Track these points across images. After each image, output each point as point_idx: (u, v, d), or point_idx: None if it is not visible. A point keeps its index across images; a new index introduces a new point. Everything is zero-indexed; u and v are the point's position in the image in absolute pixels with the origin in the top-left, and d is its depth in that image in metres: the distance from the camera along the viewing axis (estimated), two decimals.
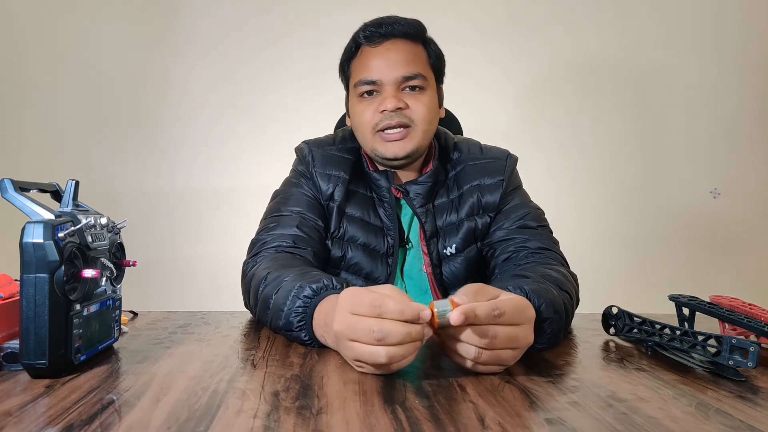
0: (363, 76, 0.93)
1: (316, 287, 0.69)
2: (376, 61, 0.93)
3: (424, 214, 0.98)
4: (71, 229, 0.56)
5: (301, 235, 0.92)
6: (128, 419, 0.44)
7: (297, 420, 0.44)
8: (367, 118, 0.94)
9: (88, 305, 0.58)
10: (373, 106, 0.93)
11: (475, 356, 0.55)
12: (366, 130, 0.95)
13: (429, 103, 0.94)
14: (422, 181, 0.98)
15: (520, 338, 0.57)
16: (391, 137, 0.93)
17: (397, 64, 0.92)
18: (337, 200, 0.98)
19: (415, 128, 0.93)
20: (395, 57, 0.92)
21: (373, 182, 0.99)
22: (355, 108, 0.96)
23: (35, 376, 0.54)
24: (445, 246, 0.98)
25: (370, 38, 0.94)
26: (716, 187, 2.12)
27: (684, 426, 0.45)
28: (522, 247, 0.93)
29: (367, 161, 1.01)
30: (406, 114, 0.92)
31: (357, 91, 0.95)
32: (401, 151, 0.93)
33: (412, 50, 0.94)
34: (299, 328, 0.69)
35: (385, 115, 0.92)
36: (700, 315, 0.79)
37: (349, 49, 0.98)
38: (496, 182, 0.99)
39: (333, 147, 1.02)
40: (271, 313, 0.74)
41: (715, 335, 0.62)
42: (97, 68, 1.95)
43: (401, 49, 0.93)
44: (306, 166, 1.01)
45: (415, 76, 0.92)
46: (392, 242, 0.97)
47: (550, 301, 0.69)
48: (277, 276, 0.76)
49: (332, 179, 0.99)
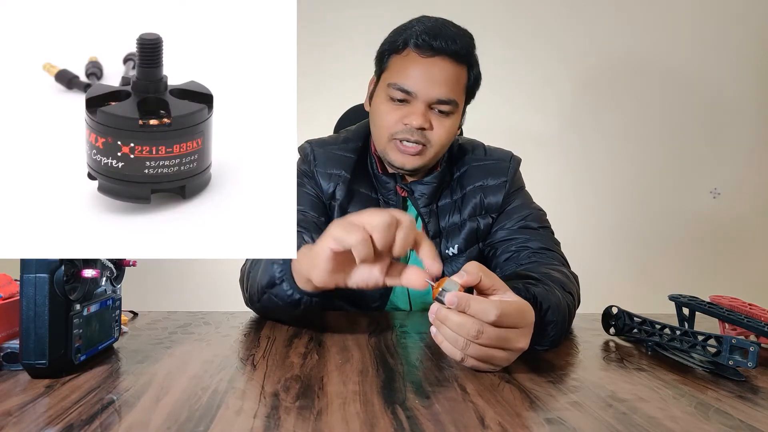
0: (400, 82, 0.91)
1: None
2: (418, 73, 0.90)
3: (427, 214, 0.98)
4: None
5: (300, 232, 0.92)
6: (128, 419, 0.44)
7: (297, 420, 0.44)
8: (389, 123, 0.93)
9: (88, 305, 0.58)
10: (398, 114, 0.92)
11: (462, 347, 0.56)
12: (383, 133, 0.94)
13: (451, 128, 0.94)
14: (428, 181, 0.98)
15: (511, 340, 0.57)
16: (406, 150, 0.92)
17: (436, 84, 0.90)
18: (339, 199, 0.98)
19: (429, 148, 0.93)
20: (437, 76, 0.90)
21: (381, 185, 1.00)
22: (380, 106, 0.94)
23: (35, 376, 0.54)
24: (448, 246, 0.99)
25: (420, 47, 0.90)
26: (716, 187, 2.12)
27: (684, 426, 0.45)
28: (523, 247, 0.93)
29: (377, 162, 1.01)
30: (427, 135, 0.92)
31: (389, 91, 0.92)
32: (410, 165, 0.94)
33: (456, 73, 0.92)
34: (281, 279, 0.71)
35: (407, 129, 0.91)
36: (700, 315, 0.79)
37: (395, 42, 0.93)
38: (500, 183, 1.00)
39: (335, 146, 1.02)
40: (258, 280, 0.76)
41: (715, 335, 0.62)
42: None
43: (446, 69, 0.91)
44: (308, 165, 1.02)
45: (448, 101, 0.91)
46: None
47: (556, 305, 0.69)
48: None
49: (333, 178, 0.99)
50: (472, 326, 0.55)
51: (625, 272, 2.07)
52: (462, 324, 0.55)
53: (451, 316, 0.56)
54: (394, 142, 0.93)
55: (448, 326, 0.56)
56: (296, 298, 0.71)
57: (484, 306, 0.55)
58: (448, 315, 0.56)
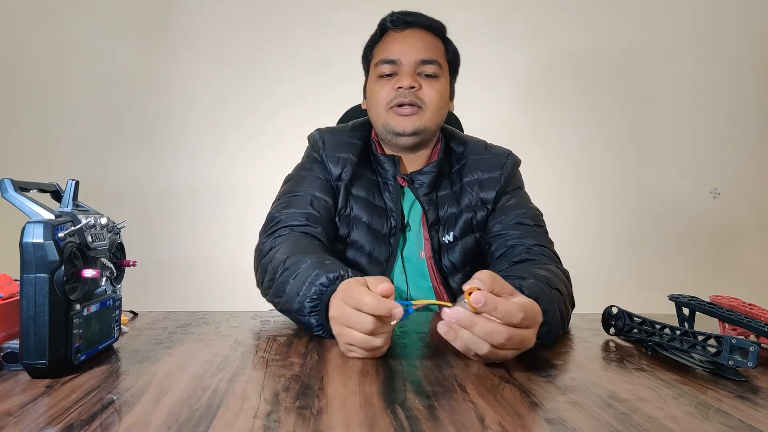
0: (384, 56, 1.00)
1: (332, 276, 0.71)
2: (398, 44, 1.00)
3: (427, 202, 1.02)
4: (71, 229, 0.56)
5: (313, 213, 0.97)
6: (128, 419, 0.44)
7: (297, 420, 0.44)
8: (383, 96, 1.00)
9: (88, 305, 0.58)
10: (390, 85, 1.00)
11: (486, 352, 0.58)
12: (380, 107, 1.01)
13: (441, 89, 1.01)
14: (427, 171, 1.03)
15: (527, 340, 0.60)
16: (403, 112, 0.99)
17: (417, 48, 0.99)
18: (344, 180, 1.03)
19: (425, 109, 0.99)
20: (416, 42, 1.00)
21: (380, 166, 1.04)
22: (373, 87, 1.03)
23: (35, 376, 0.54)
24: (445, 234, 1.02)
25: (395, 23, 1.01)
26: (716, 187, 2.12)
27: (684, 426, 0.45)
28: (518, 243, 0.96)
29: (377, 145, 1.06)
30: (419, 95, 0.99)
31: (377, 70, 1.02)
32: (410, 125, 0.99)
33: (432, 41, 1.02)
34: (311, 313, 0.72)
35: (399, 93, 0.98)
36: (700, 315, 0.79)
37: (374, 36, 1.06)
38: (494, 177, 1.04)
39: (344, 133, 1.08)
40: (285, 297, 0.77)
41: (715, 335, 0.62)
42: (97, 68, 1.95)
43: (422, 37, 1.01)
44: (317, 150, 1.06)
45: (432, 61, 0.99)
46: (394, 224, 1.01)
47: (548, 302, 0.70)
48: (295, 261, 0.80)
49: (341, 161, 1.04)
50: (501, 333, 0.57)
51: (625, 272, 2.07)
52: (492, 332, 0.57)
53: (480, 322, 0.57)
54: (392, 110, 1.00)
55: (476, 333, 0.57)
56: (318, 332, 0.73)
57: (510, 308, 0.57)
58: (476, 321, 0.57)
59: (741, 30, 2.09)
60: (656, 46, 2.08)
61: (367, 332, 0.60)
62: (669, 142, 2.10)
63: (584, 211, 2.07)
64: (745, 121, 2.11)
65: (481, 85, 1.99)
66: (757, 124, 2.12)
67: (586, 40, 2.06)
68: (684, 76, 2.09)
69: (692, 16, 2.08)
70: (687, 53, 2.09)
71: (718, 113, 2.10)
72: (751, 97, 2.11)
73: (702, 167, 2.11)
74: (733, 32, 2.09)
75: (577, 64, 2.06)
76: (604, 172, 2.08)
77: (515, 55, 2.04)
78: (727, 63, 2.10)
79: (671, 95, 2.10)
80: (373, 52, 1.06)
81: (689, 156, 2.10)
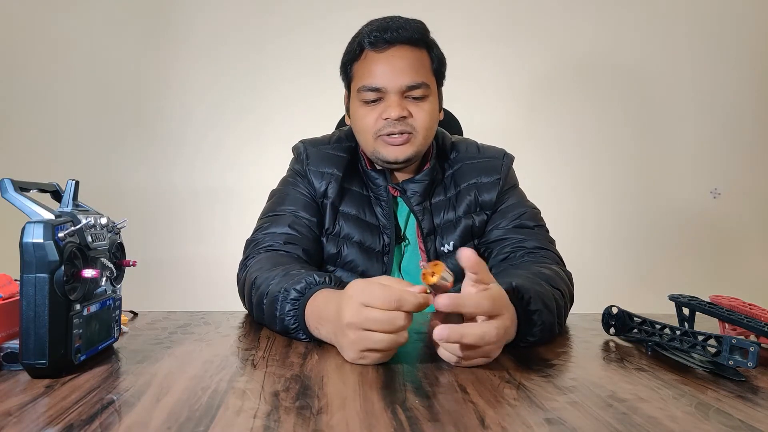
0: (367, 82, 0.93)
1: (300, 288, 0.71)
2: (381, 68, 0.92)
3: (421, 212, 0.99)
4: (71, 229, 0.56)
5: (292, 233, 0.94)
6: (128, 419, 0.44)
7: (297, 420, 0.44)
8: (369, 124, 0.94)
9: (88, 305, 0.58)
10: (376, 113, 0.94)
11: (456, 363, 0.61)
12: (368, 134, 0.95)
13: (431, 110, 0.95)
14: (419, 179, 0.99)
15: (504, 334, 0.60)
16: (393, 141, 0.93)
17: (401, 72, 0.91)
18: (331, 197, 0.99)
19: (416, 135, 0.94)
20: (400, 65, 0.92)
21: (370, 181, 1.01)
22: (357, 112, 0.96)
23: (35, 376, 0.54)
24: (443, 243, 0.99)
25: (374, 44, 0.92)
26: (716, 187, 2.12)
27: (684, 426, 0.45)
28: (519, 247, 0.95)
29: (365, 160, 1.01)
30: (409, 122, 0.93)
31: (360, 96, 0.94)
32: (402, 155, 0.94)
33: (417, 57, 0.93)
34: (295, 329, 0.72)
35: (388, 123, 0.92)
36: (700, 315, 0.79)
37: (353, 51, 0.96)
38: (493, 180, 1.01)
39: (328, 146, 1.04)
40: (267, 319, 0.78)
41: (715, 335, 0.62)
42: (97, 68, 1.95)
43: (406, 56, 0.92)
44: (301, 164, 1.03)
45: (418, 85, 0.92)
46: (388, 241, 0.98)
47: (537, 293, 0.71)
48: (264, 279, 0.79)
49: (325, 177, 1.00)
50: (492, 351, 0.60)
51: (625, 272, 2.07)
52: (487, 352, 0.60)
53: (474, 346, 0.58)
54: (381, 138, 0.94)
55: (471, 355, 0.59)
56: (309, 341, 0.72)
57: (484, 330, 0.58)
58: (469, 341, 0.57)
59: (740, 31, 2.09)
60: (656, 46, 2.08)
61: (399, 329, 0.58)
62: (669, 142, 2.10)
63: (584, 211, 2.06)
64: (745, 122, 2.11)
65: (482, 87, 1.99)
66: (757, 124, 2.12)
67: (586, 42, 2.06)
68: (684, 76, 2.09)
69: (692, 15, 2.08)
70: (687, 53, 2.09)
71: (718, 113, 2.10)
72: (751, 98, 2.11)
73: (702, 167, 2.11)
74: (732, 33, 2.09)
75: (577, 66, 2.06)
76: (605, 173, 2.08)
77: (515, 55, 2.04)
78: (726, 63, 2.10)
79: (671, 95, 2.10)
80: (353, 71, 0.97)
81: (689, 156, 2.10)
